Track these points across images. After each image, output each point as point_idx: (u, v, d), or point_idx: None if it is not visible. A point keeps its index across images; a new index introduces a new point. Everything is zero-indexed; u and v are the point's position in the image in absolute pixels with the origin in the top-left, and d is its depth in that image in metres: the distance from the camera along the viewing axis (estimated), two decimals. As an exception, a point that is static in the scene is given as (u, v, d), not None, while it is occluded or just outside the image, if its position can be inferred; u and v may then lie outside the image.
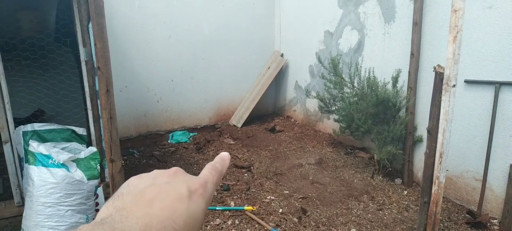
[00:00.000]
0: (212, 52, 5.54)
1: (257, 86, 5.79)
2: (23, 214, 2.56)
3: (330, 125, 4.95)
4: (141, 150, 5.02)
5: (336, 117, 4.14)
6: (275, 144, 4.90)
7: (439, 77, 2.24)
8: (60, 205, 2.48)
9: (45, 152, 2.51)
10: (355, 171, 3.97)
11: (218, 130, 5.67)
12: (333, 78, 3.86)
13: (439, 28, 3.28)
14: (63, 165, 2.54)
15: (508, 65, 2.83)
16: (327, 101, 4.26)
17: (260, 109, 6.01)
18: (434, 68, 2.28)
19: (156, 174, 0.40)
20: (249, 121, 5.75)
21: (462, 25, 2.14)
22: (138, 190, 0.36)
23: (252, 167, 4.19)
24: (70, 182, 2.51)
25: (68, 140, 3.04)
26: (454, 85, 2.19)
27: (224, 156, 0.49)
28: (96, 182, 2.71)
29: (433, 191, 2.36)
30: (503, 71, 2.87)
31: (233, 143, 5.09)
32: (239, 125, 5.65)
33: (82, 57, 3.18)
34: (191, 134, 5.49)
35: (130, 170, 4.30)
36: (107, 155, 2.47)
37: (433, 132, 2.32)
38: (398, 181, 3.72)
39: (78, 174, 2.59)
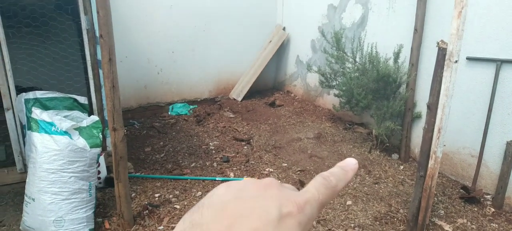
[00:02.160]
0: (213, 24, 5.49)
1: (258, 60, 5.77)
2: (27, 180, 2.60)
3: (330, 100, 4.97)
4: (142, 121, 5.05)
5: (337, 91, 4.15)
6: (275, 118, 4.93)
7: (441, 53, 2.24)
8: (63, 172, 2.52)
9: (48, 119, 2.52)
10: (353, 146, 4.03)
11: (218, 103, 5.69)
12: (335, 53, 3.85)
13: (444, 3, 3.25)
14: (66, 133, 2.56)
15: (511, 43, 2.83)
16: (328, 76, 4.27)
17: (260, 83, 6.01)
18: (438, 43, 2.28)
19: (246, 185, 0.34)
20: (249, 95, 5.76)
21: (468, 0, 2.13)
22: (220, 204, 0.32)
23: (251, 140, 4.23)
24: (73, 149, 2.54)
25: (70, 108, 3.06)
26: (456, 61, 2.19)
27: (347, 166, 0.38)
28: (98, 150, 2.75)
29: (429, 165, 2.41)
30: (505, 49, 2.87)
31: (233, 116, 5.12)
32: (239, 99, 5.66)
33: (84, 25, 3.16)
34: (191, 107, 5.51)
35: (131, 140, 4.34)
36: (109, 124, 2.49)
37: (433, 107, 2.35)
38: (394, 156, 3.77)
39: (80, 142, 2.61)
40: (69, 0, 3.19)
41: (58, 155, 2.50)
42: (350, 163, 0.38)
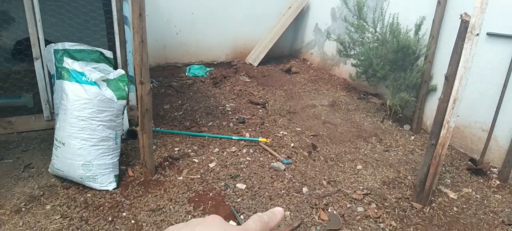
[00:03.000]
0: (233, -13, 5.49)
1: (276, 26, 5.78)
2: (57, 126, 2.76)
3: (346, 69, 5.01)
4: (160, 80, 5.18)
5: (354, 61, 4.20)
6: (290, 84, 5.02)
7: (464, 25, 2.28)
8: (93, 120, 2.67)
9: (79, 69, 2.66)
10: (366, 115, 4.12)
11: (234, 67, 5.77)
12: (356, 22, 3.87)
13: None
14: (95, 83, 2.70)
15: (534, 20, 2.83)
16: (347, 45, 4.30)
17: (276, 50, 6.05)
18: (461, 15, 2.31)
19: (193, 223, 0.39)
20: (265, 61, 5.83)
21: (494, -27, 2.14)
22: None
23: (266, 104, 4.34)
24: (101, 99, 2.68)
25: (97, 61, 3.17)
26: (477, 35, 2.24)
27: (276, 211, 0.45)
28: (124, 102, 2.89)
29: (441, 134, 2.50)
30: (527, 26, 2.88)
31: (248, 80, 5.21)
32: (255, 64, 5.73)
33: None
34: (208, 69, 5.61)
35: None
36: (137, 77, 2.61)
37: (450, 78, 2.41)
38: (406, 127, 3.86)
39: (108, 93, 2.75)
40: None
41: (88, 103, 2.65)
42: (278, 210, 0.45)
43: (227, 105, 4.31)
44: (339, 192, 2.82)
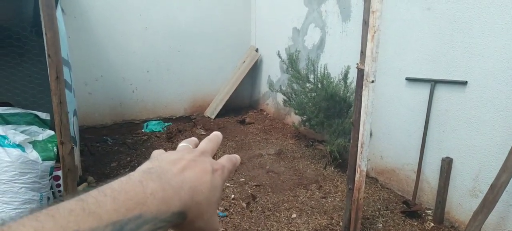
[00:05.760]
0: (188, 44, 5.72)
1: (231, 80, 5.97)
2: (-18, 190, 2.75)
3: (296, 118, 5.13)
4: (115, 138, 5.21)
5: (296, 110, 4.33)
6: (242, 135, 5.09)
7: (360, 74, 2.43)
8: (14, 182, 2.67)
9: (1, 133, 2.69)
10: (311, 162, 4.17)
11: (193, 121, 5.86)
12: (292, 73, 4.04)
13: (386, 28, 3.45)
14: (18, 146, 2.73)
15: (443, 64, 3.01)
16: (290, 95, 4.45)
17: (236, 102, 6.20)
18: (357, 65, 2.46)
19: (184, 152, 0.48)
20: (223, 113, 5.94)
21: (380, 25, 2.33)
22: (170, 159, 0.44)
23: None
24: (24, 161, 2.70)
25: (30, 124, 3.23)
26: (372, 81, 2.37)
27: (236, 155, 0.58)
28: (51, 163, 2.90)
29: (356, 178, 2.55)
30: (438, 70, 3.05)
31: (204, 133, 5.28)
32: (213, 117, 5.84)
33: (46, 47, 3.36)
34: (166, 124, 5.68)
35: (101, 156, 4.50)
36: (57, 138, 2.65)
37: (355, 123, 2.51)
38: (349, 172, 3.90)
39: (33, 154, 2.77)
40: (36, 23, 3.41)
41: (10, 166, 2.65)
42: (237, 157, 0.57)
43: (175, 159, 4.33)
44: (268, 243, 2.80)
